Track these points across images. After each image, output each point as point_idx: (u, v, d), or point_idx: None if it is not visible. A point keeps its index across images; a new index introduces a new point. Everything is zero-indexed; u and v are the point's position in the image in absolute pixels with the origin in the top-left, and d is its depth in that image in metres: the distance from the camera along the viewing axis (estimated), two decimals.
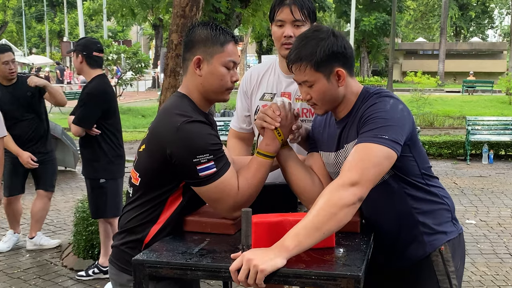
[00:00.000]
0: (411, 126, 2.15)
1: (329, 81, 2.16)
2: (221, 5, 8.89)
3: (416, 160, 2.22)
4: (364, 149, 2.00)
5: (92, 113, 4.75)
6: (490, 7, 60.14)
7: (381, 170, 2.00)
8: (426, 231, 2.27)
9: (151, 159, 2.18)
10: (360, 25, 39.45)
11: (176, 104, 2.23)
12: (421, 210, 2.26)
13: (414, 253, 2.29)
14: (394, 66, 34.13)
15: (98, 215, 5.01)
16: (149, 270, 1.91)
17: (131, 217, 2.24)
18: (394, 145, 2.01)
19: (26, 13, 57.00)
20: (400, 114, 2.11)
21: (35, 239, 6.02)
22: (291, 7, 2.73)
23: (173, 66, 5.45)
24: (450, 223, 2.33)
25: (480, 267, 5.59)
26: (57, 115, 19.73)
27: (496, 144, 12.05)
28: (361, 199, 1.94)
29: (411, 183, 2.23)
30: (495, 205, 8.07)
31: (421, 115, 17.49)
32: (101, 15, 35.89)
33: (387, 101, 2.14)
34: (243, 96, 3.08)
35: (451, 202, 2.36)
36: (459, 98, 28.43)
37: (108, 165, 4.87)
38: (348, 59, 2.19)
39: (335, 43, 2.14)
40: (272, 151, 2.23)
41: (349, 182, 1.92)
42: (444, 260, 2.27)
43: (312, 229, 1.84)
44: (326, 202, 1.89)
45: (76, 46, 4.87)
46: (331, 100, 2.21)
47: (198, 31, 2.26)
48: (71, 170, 10.40)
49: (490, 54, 47.73)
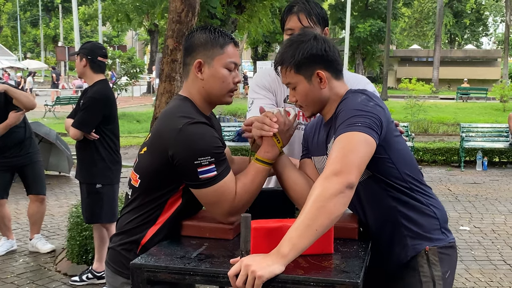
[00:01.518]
0: (385, 121, 2.13)
1: (311, 83, 2.21)
2: (216, 11, 8.91)
3: (394, 163, 2.20)
4: (339, 140, 2.00)
5: (93, 117, 4.74)
6: (484, 15, 60.43)
7: (361, 155, 1.97)
8: (410, 234, 2.25)
9: (152, 160, 2.18)
10: (355, 32, 39.53)
11: (179, 106, 2.23)
12: (404, 214, 2.24)
13: (397, 255, 2.28)
14: (389, 73, 34.26)
15: (92, 220, 4.98)
16: (147, 274, 1.90)
17: (130, 219, 2.24)
18: (368, 130, 2.01)
19: (21, 18, 56.94)
20: (372, 107, 2.11)
21: (33, 241, 6.06)
22: (298, 15, 2.75)
23: (168, 71, 5.45)
24: (438, 231, 2.30)
25: (474, 273, 5.59)
26: (51, 120, 19.68)
27: (490, 151, 12.09)
28: (350, 185, 1.89)
29: (392, 185, 2.22)
30: (489, 212, 8.09)
31: (415, 122, 17.55)
32: (96, 20, 35.93)
33: (359, 96, 2.17)
34: (265, 90, 2.93)
35: (440, 212, 2.33)
36: (453, 105, 28.53)
37: (105, 170, 4.85)
38: (331, 62, 2.22)
39: (314, 46, 2.19)
40: (271, 158, 2.24)
41: (332, 173, 1.90)
42: (430, 263, 2.24)
43: (304, 228, 1.82)
44: (313, 198, 1.87)
45: (81, 50, 4.85)
46: (314, 102, 2.25)
47: (197, 35, 2.27)
48: (65, 175, 10.37)
49: (484, 61, 47.93)
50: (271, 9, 10.99)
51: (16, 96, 5.49)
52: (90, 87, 4.85)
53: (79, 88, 30.52)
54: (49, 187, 9.37)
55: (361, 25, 40.20)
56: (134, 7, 11.43)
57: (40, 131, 8.89)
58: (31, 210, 5.97)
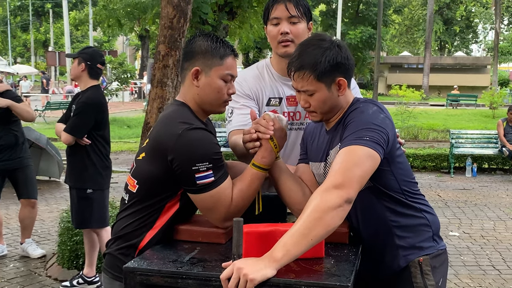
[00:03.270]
0: (392, 136, 2.13)
1: (330, 90, 2.18)
2: (208, 17, 8.94)
3: (395, 176, 2.22)
4: (345, 151, 2.00)
5: (85, 122, 4.74)
6: (474, 22, 60.77)
7: (364, 170, 1.98)
8: (402, 244, 2.26)
9: (151, 165, 2.18)
10: (345, 39, 39.63)
11: (177, 111, 2.24)
12: (398, 224, 2.25)
13: (389, 264, 2.29)
14: (379, 79, 34.35)
15: (82, 225, 4.97)
16: (140, 278, 1.91)
17: (127, 223, 2.24)
18: (375, 146, 2.01)
19: (12, 22, 56.73)
20: (382, 120, 2.11)
21: (23, 246, 6.06)
22: (285, 3, 2.66)
23: (160, 77, 5.47)
24: (430, 239, 2.31)
25: (463, 278, 5.63)
26: (41, 125, 19.61)
27: (480, 157, 12.17)
28: (349, 200, 1.91)
29: (390, 196, 2.23)
30: (478, 218, 8.14)
31: (405, 128, 17.62)
32: (87, 25, 35.89)
33: (370, 107, 2.17)
34: (245, 98, 2.77)
35: (433, 219, 2.34)
36: (443, 111, 28.65)
37: (96, 175, 4.84)
38: (349, 70, 2.21)
39: (339, 53, 2.16)
40: (268, 164, 2.23)
41: (333, 185, 1.91)
42: (423, 273, 2.24)
43: (299, 236, 1.83)
44: (311, 208, 1.87)
45: (81, 54, 4.85)
46: (330, 109, 2.23)
47: (199, 42, 2.27)
48: (56, 180, 10.33)
49: (474, 68, 48.16)
50: (262, 15, 11.03)
51: (18, 111, 5.57)
52: (83, 92, 4.85)
53: (69, 93, 30.43)
54: (39, 192, 9.28)
55: (352, 31, 40.35)
56: (126, 12, 11.46)
57: (31, 136, 8.86)
58: (22, 214, 5.97)
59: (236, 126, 2.73)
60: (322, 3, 43.65)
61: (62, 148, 11.20)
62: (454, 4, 56.28)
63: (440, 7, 55.04)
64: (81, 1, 53.21)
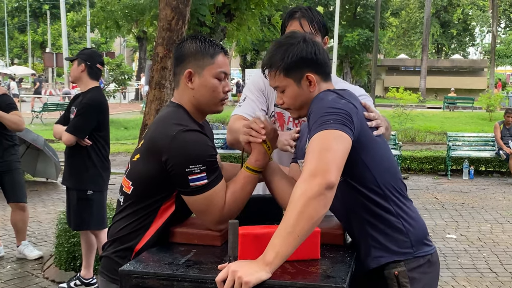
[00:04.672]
0: (357, 120, 2.07)
1: (300, 86, 2.18)
2: (206, 19, 8.94)
3: (368, 167, 2.13)
4: (314, 140, 1.97)
5: (87, 123, 4.74)
6: (471, 25, 60.87)
7: (336, 152, 1.91)
8: (375, 245, 2.18)
9: (146, 167, 2.18)
10: (343, 41, 39.70)
11: (172, 113, 2.25)
12: (372, 224, 2.17)
13: (362, 262, 2.20)
14: (377, 82, 34.36)
15: (81, 227, 4.96)
16: (136, 280, 1.91)
17: (123, 225, 2.24)
18: (341, 127, 1.97)
19: (9, 24, 56.63)
20: (343, 105, 2.07)
21: (20, 248, 6.04)
22: (300, 21, 2.77)
23: (158, 78, 5.46)
24: (406, 245, 2.18)
25: (461, 281, 5.64)
26: (38, 126, 19.58)
27: (477, 160, 12.19)
28: (329, 186, 1.84)
29: (364, 194, 2.14)
30: (475, 220, 8.15)
31: (402, 131, 17.62)
32: (85, 26, 35.79)
33: (330, 94, 2.14)
34: (259, 92, 2.95)
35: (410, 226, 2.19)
36: (440, 114, 28.68)
37: (97, 177, 4.84)
38: (320, 65, 2.20)
39: (304, 48, 2.17)
40: (262, 166, 2.24)
41: (309, 175, 1.86)
42: (401, 285, 2.14)
43: (286, 235, 1.81)
44: (292, 203, 1.85)
45: (80, 55, 4.86)
46: (303, 105, 2.22)
47: (187, 45, 2.28)
48: (53, 182, 10.32)
49: (471, 71, 48.22)
50: (260, 17, 11.03)
51: (5, 122, 5.52)
52: (84, 93, 4.85)
53: (66, 94, 30.39)
54: (36, 193, 9.35)
55: (349, 34, 40.40)
56: (123, 14, 11.45)
57: (28, 137, 8.85)
58: (14, 218, 5.94)
59: (243, 112, 2.88)
60: (319, 6, 43.68)
61: (59, 149, 11.21)
62: (451, 7, 56.38)
63: (437, 10, 55.12)
64: (79, 3, 53.18)
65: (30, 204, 8.07)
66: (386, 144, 2.30)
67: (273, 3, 10.31)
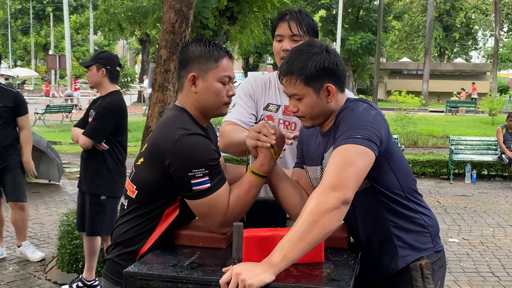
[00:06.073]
0: (385, 132, 2.12)
1: (319, 96, 2.17)
2: (209, 22, 8.94)
3: (394, 172, 2.20)
4: (338, 152, 1.99)
5: (105, 127, 4.74)
6: (474, 29, 60.86)
7: (359, 169, 1.95)
8: (401, 245, 2.25)
9: (149, 171, 2.18)
10: (345, 44, 39.69)
11: (176, 117, 2.24)
12: (396, 224, 2.25)
13: (387, 265, 2.28)
14: (379, 85, 34.34)
15: (93, 232, 4.90)
16: (140, 282, 1.92)
17: (126, 229, 2.24)
18: (368, 143, 2.00)
19: (12, 26, 56.80)
20: (373, 117, 2.10)
21: (21, 248, 6.03)
22: (289, 22, 2.80)
23: (161, 81, 5.47)
24: (428, 240, 2.30)
25: (463, 285, 5.63)
26: (41, 128, 19.61)
27: (479, 163, 12.18)
28: (346, 201, 1.89)
29: (388, 196, 2.21)
30: (478, 224, 8.15)
31: (405, 134, 17.61)
32: (88, 29, 35.91)
33: (360, 105, 2.17)
34: (248, 97, 2.97)
35: (430, 220, 2.34)
36: (442, 117, 28.65)
37: (111, 182, 4.80)
38: (339, 76, 2.20)
39: (327, 59, 2.16)
40: (267, 171, 2.23)
41: (328, 187, 1.89)
42: (424, 277, 2.24)
43: (296, 241, 1.83)
44: (307, 211, 1.87)
45: (98, 60, 4.81)
46: (319, 115, 2.22)
47: (192, 48, 2.27)
48: (55, 183, 10.33)
49: (474, 75, 48.17)
50: (262, 20, 11.03)
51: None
52: (103, 97, 4.83)
53: (68, 96, 30.42)
54: (38, 195, 9.36)
55: (351, 37, 40.37)
56: (127, 16, 11.45)
57: None
58: (13, 217, 5.92)
59: (234, 118, 2.89)
60: (322, 9, 43.70)
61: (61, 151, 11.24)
62: (454, 10, 56.38)
63: (440, 13, 55.14)
64: (82, 5, 53.30)
65: (33, 206, 8.11)
66: (398, 146, 2.37)
67: (276, 6, 10.30)
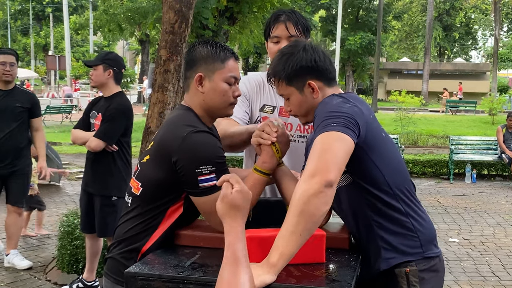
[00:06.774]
0: (364, 124, 2.09)
1: (303, 93, 2.23)
2: (208, 22, 8.94)
3: (378, 167, 2.16)
4: (316, 142, 2.00)
5: (117, 129, 4.74)
6: (473, 29, 60.88)
7: (335, 152, 1.95)
8: (385, 246, 2.19)
9: (155, 168, 2.19)
10: (345, 44, 39.68)
11: (183, 115, 2.26)
12: (380, 225, 2.18)
13: (372, 265, 2.22)
14: (379, 85, 34.35)
15: (106, 234, 4.85)
16: (141, 282, 1.92)
17: (130, 226, 2.24)
18: (343, 129, 1.99)
19: (12, 26, 56.81)
20: (349, 108, 2.10)
21: (9, 257, 5.84)
22: (286, 23, 2.80)
23: (161, 81, 5.47)
24: (416, 245, 2.21)
25: (463, 285, 5.63)
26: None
27: (479, 163, 12.18)
28: (328, 183, 1.87)
29: (372, 193, 2.16)
30: (478, 224, 8.15)
31: (405, 134, 17.63)
32: (88, 29, 35.88)
33: (335, 98, 2.18)
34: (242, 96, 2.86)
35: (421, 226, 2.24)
36: (442, 117, 28.67)
37: (121, 182, 4.75)
38: (321, 71, 2.24)
39: (303, 57, 2.21)
40: (269, 169, 2.26)
41: (308, 175, 1.90)
42: (410, 284, 2.17)
43: (288, 235, 1.84)
44: (293, 204, 1.88)
45: (105, 61, 4.78)
46: (309, 111, 2.26)
47: (199, 49, 2.30)
48: (55, 184, 10.33)
49: (474, 74, 48.22)
50: (262, 20, 11.02)
51: None
52: (108, 99, 4.81)
53: (68, 97, 30.39)
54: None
55: (351, 37, 40.37)
56: (126, 17, 11.46)
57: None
58: (8, 220, 5.77)
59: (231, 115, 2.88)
60: (322, 9, 43.72)
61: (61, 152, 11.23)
62: (453, 10, 56.40)
63: (440, 13, 55.15)
64: (82, 6, 53.31)
65: None
66: (394, 145, 2.33)
67: (275, 7, 10.31)
